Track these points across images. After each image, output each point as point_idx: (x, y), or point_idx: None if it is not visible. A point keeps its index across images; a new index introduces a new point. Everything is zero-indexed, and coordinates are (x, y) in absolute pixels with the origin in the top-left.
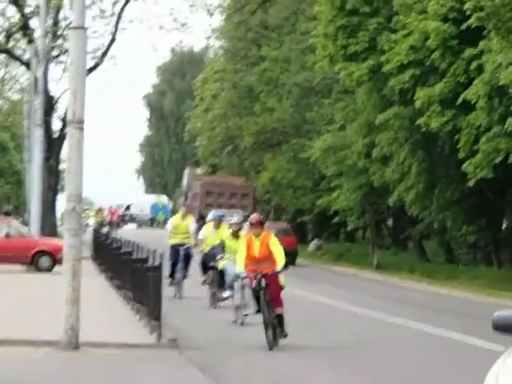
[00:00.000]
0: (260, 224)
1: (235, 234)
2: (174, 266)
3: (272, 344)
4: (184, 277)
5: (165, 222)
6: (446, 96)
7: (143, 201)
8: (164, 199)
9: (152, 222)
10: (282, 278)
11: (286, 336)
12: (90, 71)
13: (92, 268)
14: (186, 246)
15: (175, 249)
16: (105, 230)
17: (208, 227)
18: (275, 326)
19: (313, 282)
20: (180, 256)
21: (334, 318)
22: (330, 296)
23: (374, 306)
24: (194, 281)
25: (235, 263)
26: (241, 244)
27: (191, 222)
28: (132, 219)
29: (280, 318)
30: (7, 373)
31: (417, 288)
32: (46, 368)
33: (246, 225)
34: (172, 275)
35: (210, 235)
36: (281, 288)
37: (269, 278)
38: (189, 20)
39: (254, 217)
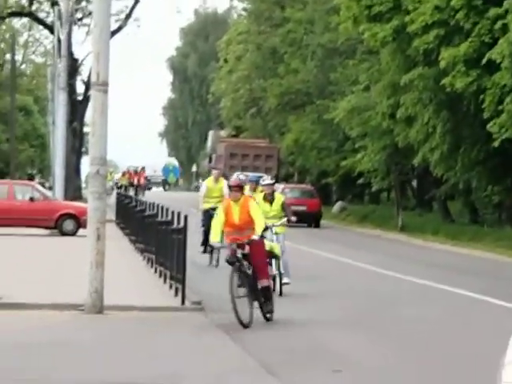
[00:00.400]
0: (240, 188)
1: (268, 197)
2: (207, 232)
3: (248, 320)
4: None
5: (175, 183)
6: (470, 56)
7: (156, 163)
8: (174, 161)
9: (164, 184)
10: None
11: (271, 312)
12: (114, 34)
13: (116, 231)
14: None
15: (209, 214)
16: (131, 192)
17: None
18: (260, 300)
19: (336, 243)
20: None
21: (357, 279)
22: (353, 257)
23: (398, 266)
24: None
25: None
26: (218, 210)
27: (225, 185)
28: (147, 181)
29: (266, 291)
30: (31, 336)
31: (441, 249)
32: (70, 331)
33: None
34: (205, 242)
35: None
36: (267, 256)
37: (251, 247)
38: None
39: (234, 180)
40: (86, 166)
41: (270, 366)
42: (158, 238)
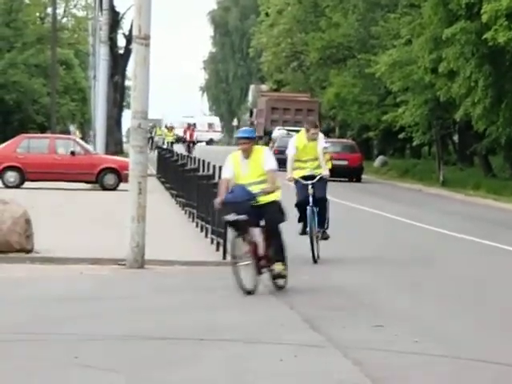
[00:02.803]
0: None
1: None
2: (301, 205)
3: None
4: (322, 227)
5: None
6: None
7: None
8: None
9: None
10: None
11: None
12: None
13: (157, 185)
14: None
15: (301, 185)
16: (176, 147)
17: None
18: None
19: (377, 197)
20: (309, 195)
21: (400, 234)
22: (394, 211)
23: (441, 222)
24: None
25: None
26: None
27: (321, 141)
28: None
29: None
30: (73, 289)
31: (483, 204)
32: (111, 285)
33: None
34: (303, 219)
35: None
36: None
37: None
38: None
39: None
40: (127, 119)
41: (312, 321)
42: (199, 193)
